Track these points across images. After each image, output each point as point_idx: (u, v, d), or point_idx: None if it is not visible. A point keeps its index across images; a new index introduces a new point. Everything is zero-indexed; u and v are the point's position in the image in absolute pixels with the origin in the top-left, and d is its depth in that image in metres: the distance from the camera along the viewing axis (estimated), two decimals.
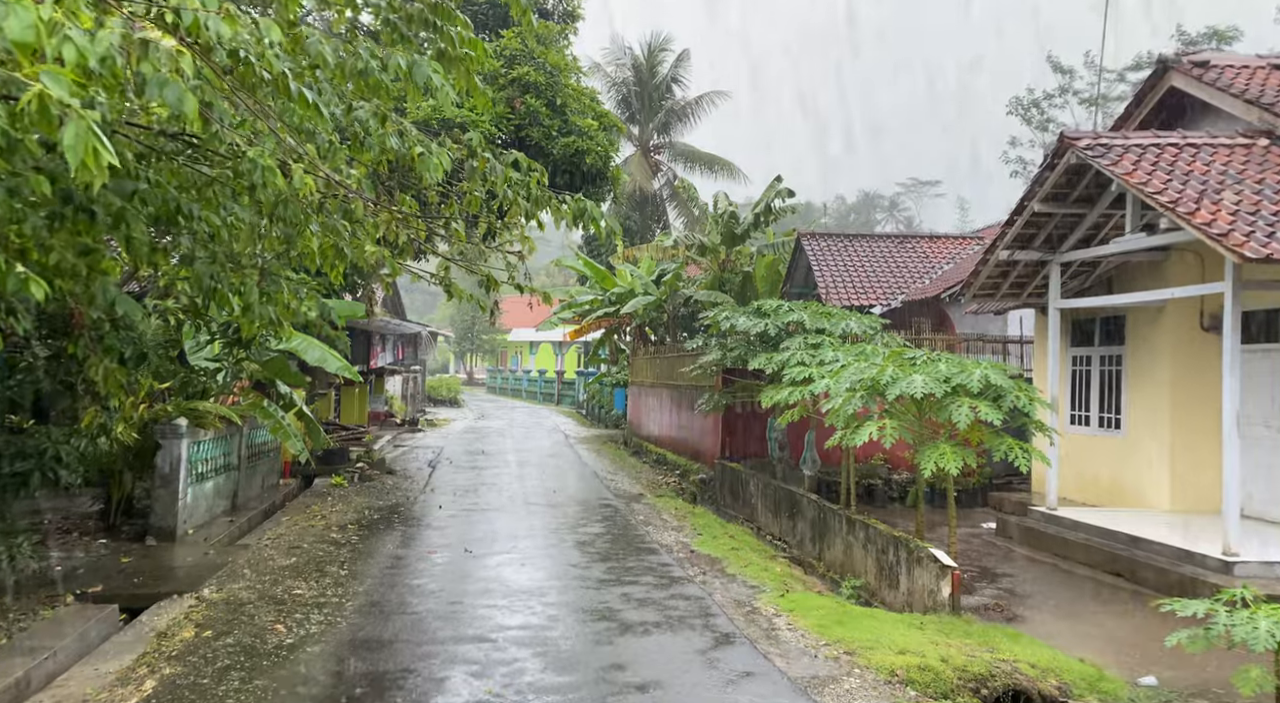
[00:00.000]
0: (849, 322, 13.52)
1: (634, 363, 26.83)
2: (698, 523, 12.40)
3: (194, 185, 4.29)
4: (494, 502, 13.72)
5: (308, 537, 10.72)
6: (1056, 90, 66.71)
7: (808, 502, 11.90)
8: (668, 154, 40.89)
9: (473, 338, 70.72)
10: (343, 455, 16.48)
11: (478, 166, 5.43)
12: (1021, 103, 67.14)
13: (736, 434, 16.48)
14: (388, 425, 27.14)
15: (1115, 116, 14.07)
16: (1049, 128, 69.27)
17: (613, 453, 22.43)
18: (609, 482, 16.58)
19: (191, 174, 4.22)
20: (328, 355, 12.45)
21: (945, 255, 22.70)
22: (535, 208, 5.84)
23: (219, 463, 12.17)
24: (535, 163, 5.94)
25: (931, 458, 8.97)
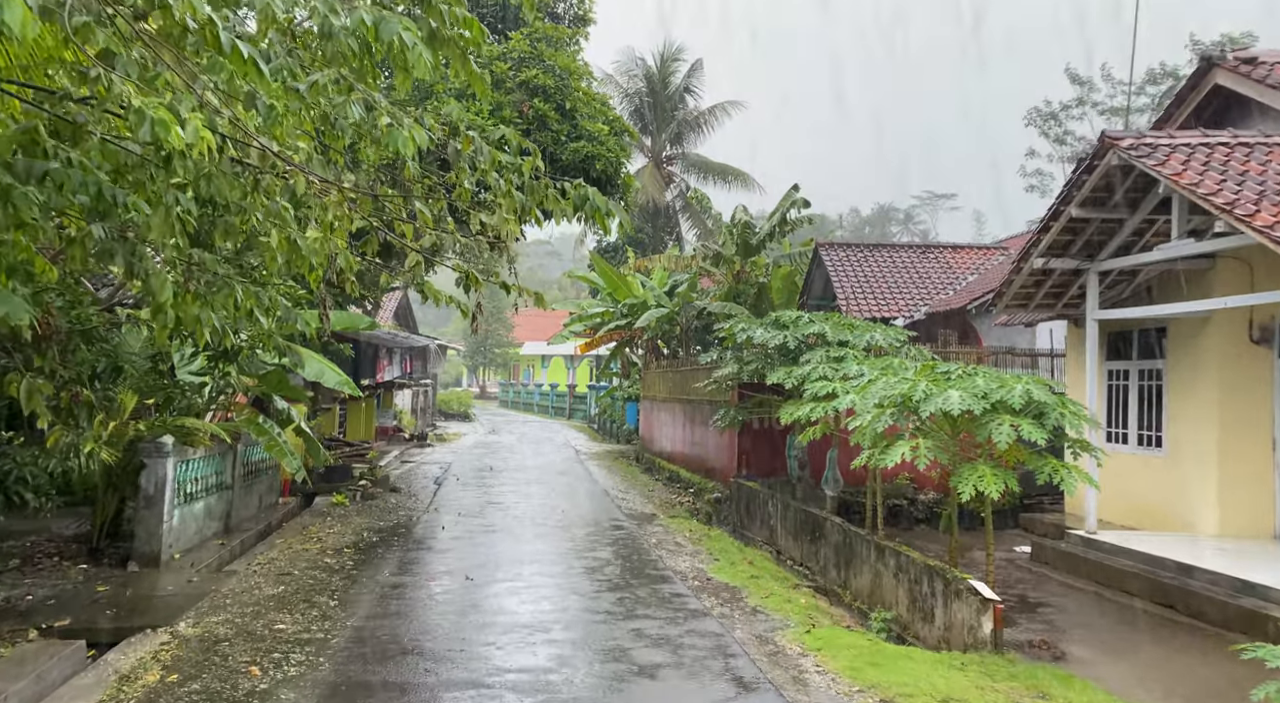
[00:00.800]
0: (873, 334, 12.85)
1: (646, 377, 26.18)
2: (714, 547, 11.71)
3: (123, 167, 3.70)
4: (500, 522, 13.07)
5: (300, 562, 10.09)
6: (1074, 101, 65.97)
7: (831, 526, 11.19)
8: (680, 165, 40.37)
9: (485, 352, 70.32)
10: (345, 473, 15.88)
11: (461, 147, 4.80)
12: (1040, 114, 66.41)
13: (753, 451, 15.78)
14: (396, 441, 26.55)
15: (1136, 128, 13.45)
16: (1066, 141, 68.49)
17: (624, 469, 21.76)
18: (620, 501, 15.91)
19: (120, 154, 3.63)
20: (325, 369, 11.87)
21: (969, 266, 21.99)
22: (531, 199, 5.21)
23: (210, 483, 11.59)
24: (528, 142, 5.33)
25: (970, 480, 8.28)
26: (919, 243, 22.97)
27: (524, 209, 5.33)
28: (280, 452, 11.70)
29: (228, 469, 12.25)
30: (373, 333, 21.41)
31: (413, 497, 15.81)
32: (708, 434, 17.89)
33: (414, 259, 5.28)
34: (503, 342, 69.59)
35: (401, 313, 42.61)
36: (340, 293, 15.81)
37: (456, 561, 10.34)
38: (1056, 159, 67.91)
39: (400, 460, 22.46)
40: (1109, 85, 64.30)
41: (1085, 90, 64.32)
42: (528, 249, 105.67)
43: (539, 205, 5.38)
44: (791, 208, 22.70)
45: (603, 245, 39.28)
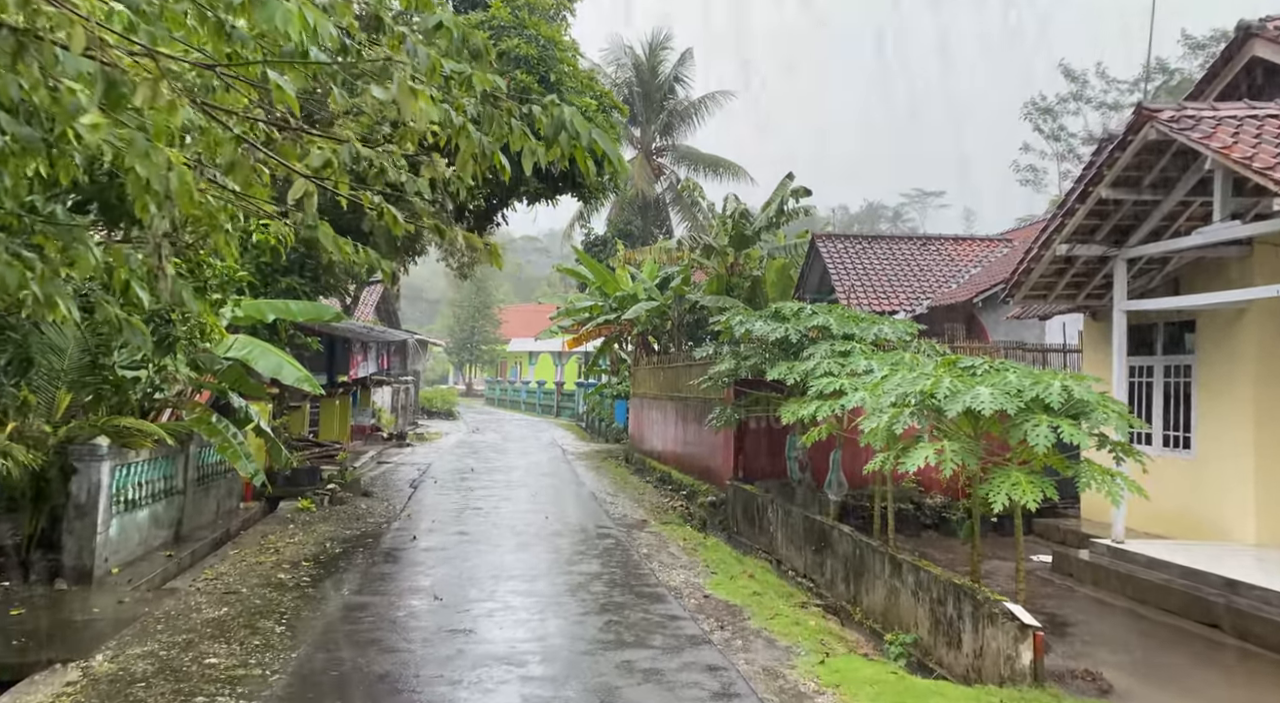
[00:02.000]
0: (882, 326, 11.91)
1: (636, 373, 25.19)
2: (710, 558, 10.74)
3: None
4: (478, 531, 12.06)
5: (251, 577, 9.06)
6: (1069, 96, 65.32)
7: (840, 535, 10.24)
8: (670, 157, 39.37)
9: (471, 348, 69.15)
10: (313, 476, 14.83)
11: (385, 44, 3.75)
12: (1036, 107, 65.70)
13: (751, 452, 14.82)
14: (373, 440, 25.47)
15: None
16: (1060, 136, 67.82)
17: (613, 471, 20.76)
18: (609, 505, 14.92)
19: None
20: (284, 364, 10.82)
21: (972, 258, 21.10)
22: (490, 136, 4.20)
23: (158, 488, 10.54)
24: (483, 35, 4.31)
25: (1003, 488, 7.34)
26: (919, 234, 22.06)
27: (483, 152, 4.31)
28: (234, 454, 10.66)
29: (178, 473, 11.20)
30: (345, 326, 20.34)
31: (385, 501, 14.77)
32: (702, 434, 16.92)
33: (300, 187, 4.18)
34: (490, 338, 68.44)
35: (384, 308, 41.49)
36: (308, 281, 14.76)
37: (426, 576, 9.33)
38: (1050, 155, 67.35)
39: (376, 462, 21.39)
40: (1103, 81, 63.70)
41: (1079, 86, 63.75)
42: (515, 246, 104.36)
43: (500, 142, 4.36)
44: (788, 197, 21.77)
45: (590, 239, 38.25)
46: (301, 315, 11.94)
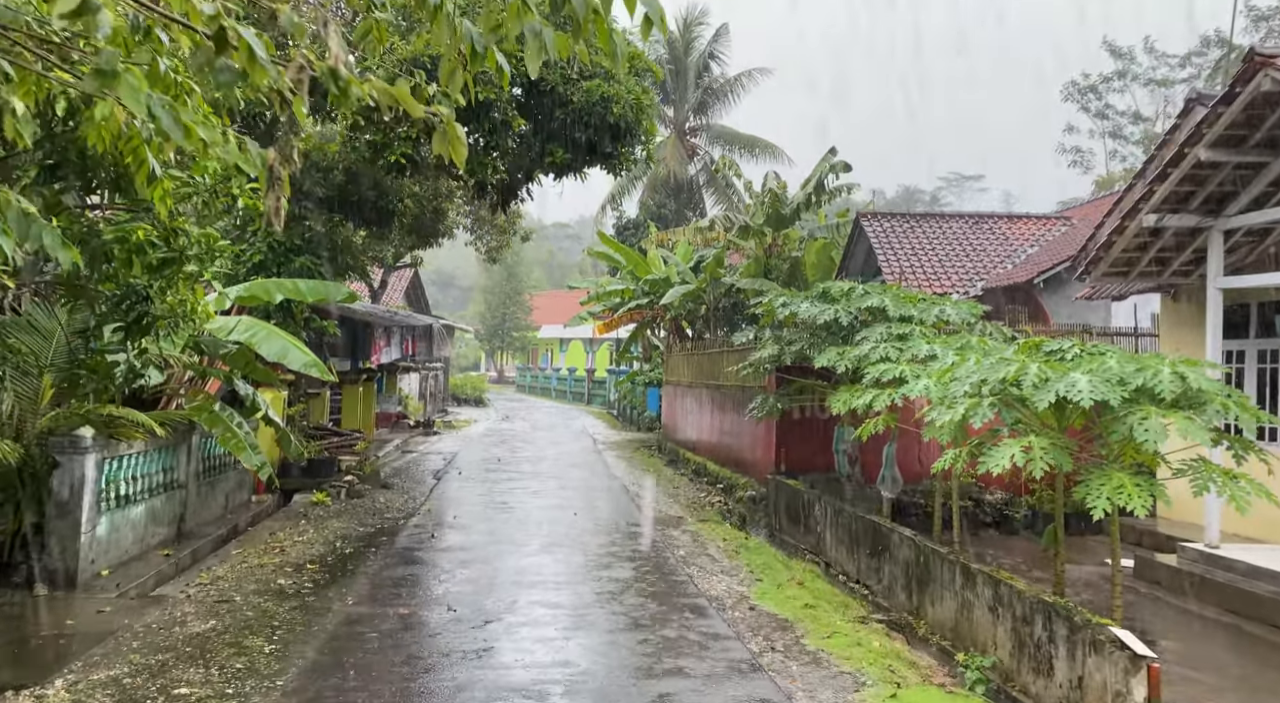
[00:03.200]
0: (944, 307, 10.80)
1: (669, 360, 24.20)
2: (754, 561, 9.75)
3: None
4: (501, 529, 11.17)
5: (250, 582, 8.23)
6: (1114, 74, 63.04)
7: (900, 539, 9.19)
8: (704, 137, 38.22)
9: (503, 335, 68.53)
10: (330, 467, 14.04)
11: None
12: (1078, 88, 63.50)
13: (794, 444, 13.79)
14: (399, 428, 24.76)
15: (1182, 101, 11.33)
16: (1108, 114, 65.52)
17: (645, 462, 19.82)
18: (641, 500, 13.97)
19: None
20: (290, 347, 9.97)
21: (1028, 237, 19.81)
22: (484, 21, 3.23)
23: (156, 481, 9.77)
24: None
25: (1103, 492, 6.27)
26: (971, 213, 20.81)
27: (474, 49, 3.33)
28: (238, 446, 9.84)
29: (180, 465, 10.42)
30: (366, 309, 19.55)
31: (405, 494, 13.94)
32: (740, 424, 15.92)
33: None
34: (521, 325, 67.78)
35: (413, 293, 40.82)
36: (324, 261, 13.93)
37: (441, 582, 8.44)
38: (1097, 134, 65.09)
39: (401, 451, 20.65)
40: (1151, 57, 61.38)
41: (1126, 62, 61.49)
42: (546, 233, 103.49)
43: (494, 32, 3.38)
44: (829, 173, 20.58)
45: (622, 223, 37.28)
46: (311, 295, 11.08)
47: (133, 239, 5.67)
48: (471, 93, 3.46)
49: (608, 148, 11.79)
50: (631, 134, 11.85)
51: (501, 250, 30.34)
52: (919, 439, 13.97)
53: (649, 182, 37.46)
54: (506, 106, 11.11)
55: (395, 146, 11.07)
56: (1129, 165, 61.11)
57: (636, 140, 12.07)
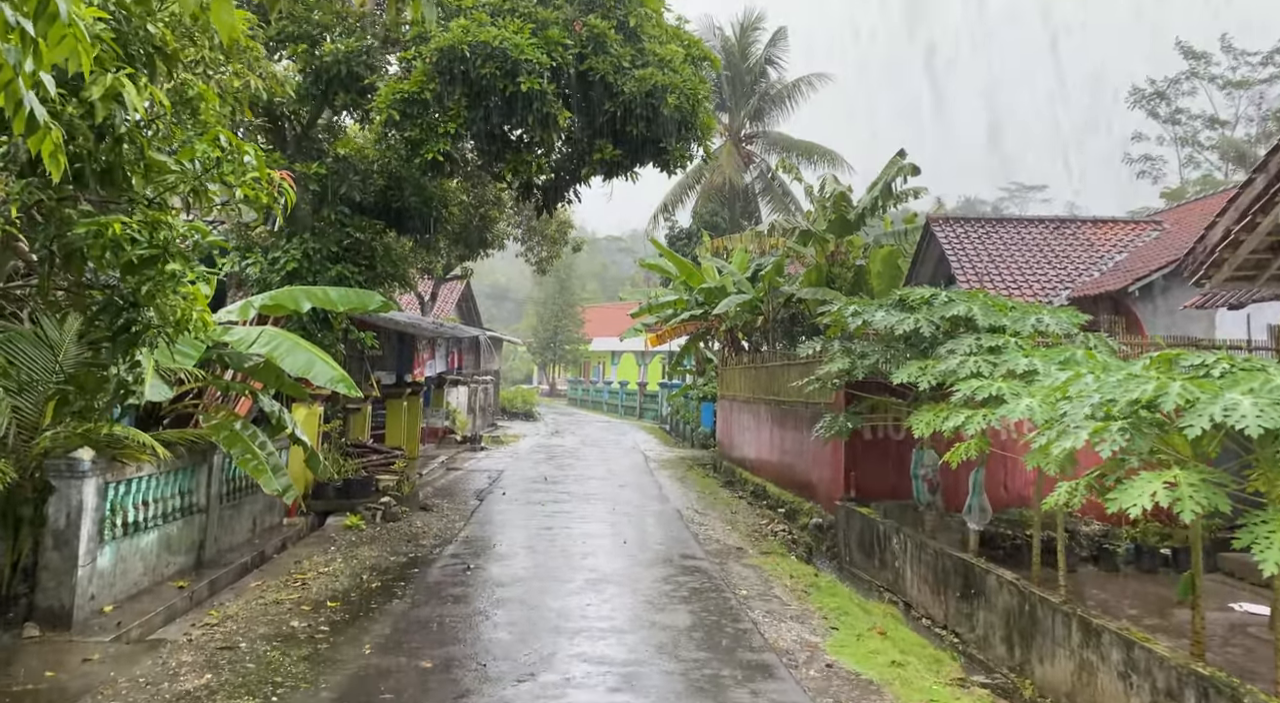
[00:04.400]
0: (1041, 316, 9.58)
1: (724, 374, 23.08)
2: (826, 604, 8.61)
3: None
4: (544, 560, 10.19)
5: (261, 623, 7.37)
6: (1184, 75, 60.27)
7: (998, 582, 7.98)
8: (760, 144, 37.10)
9: (554, 348, 68.01)
10: (366, 487, 13.23)
11: None
12: (1145, 94, 60.79)
13: (865, 467, 12.59)
14: (446, 444, 24.03)
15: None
16: (1180, 120, 62.71)
17: (700, 482, 18.71)
18: (697, 526, 12.89)
19: None
20: (316, 361, 9.15)
21: (1114, 243, 18.31)
22: None
23: (171, 506, 9.00)
24: None
25: (1275, 543, 5.06)
26: (1052, 216, 19.38)
27: None
28: (257, 468, 9.04)
29: (200, 487, 9.66)
30: (410, 320, 18.83)
31: (444, 517, 13.06)
32: (803, 443, 14.75)
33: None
34: (573, 338, 67.19)
35: (464, 306, 40.35)
36: (362, 269, 13.17)
37: (474, 626, 7.47)
38: (1168, 141, 62.32)
39: (445, 468, 19.86)
40: (1230, 56, 58.67)
41: (1201, 63, 58.86)
42: (599, 245, 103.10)
43: None
44: (897, 175, 19.34)
45: (675, 233, 36.31)
46: (342, 303, 10.27)
47: (108, 233, 4.82)
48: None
49: (661, 143, 10.81)
50: (687, 128, 10.85)
51: (551, 261, 29.61)
52: (1004, 463, 12.69)
53: (703, 190, 36.48)
54: (551, 99, 10.20)
55: (432, 143, 10.23)
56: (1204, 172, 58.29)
57: (692, 135, 11.07)
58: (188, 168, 5.22)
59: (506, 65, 9.80)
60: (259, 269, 12.46)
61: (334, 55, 11.30)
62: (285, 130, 12.91)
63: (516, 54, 9.73)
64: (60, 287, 5.81)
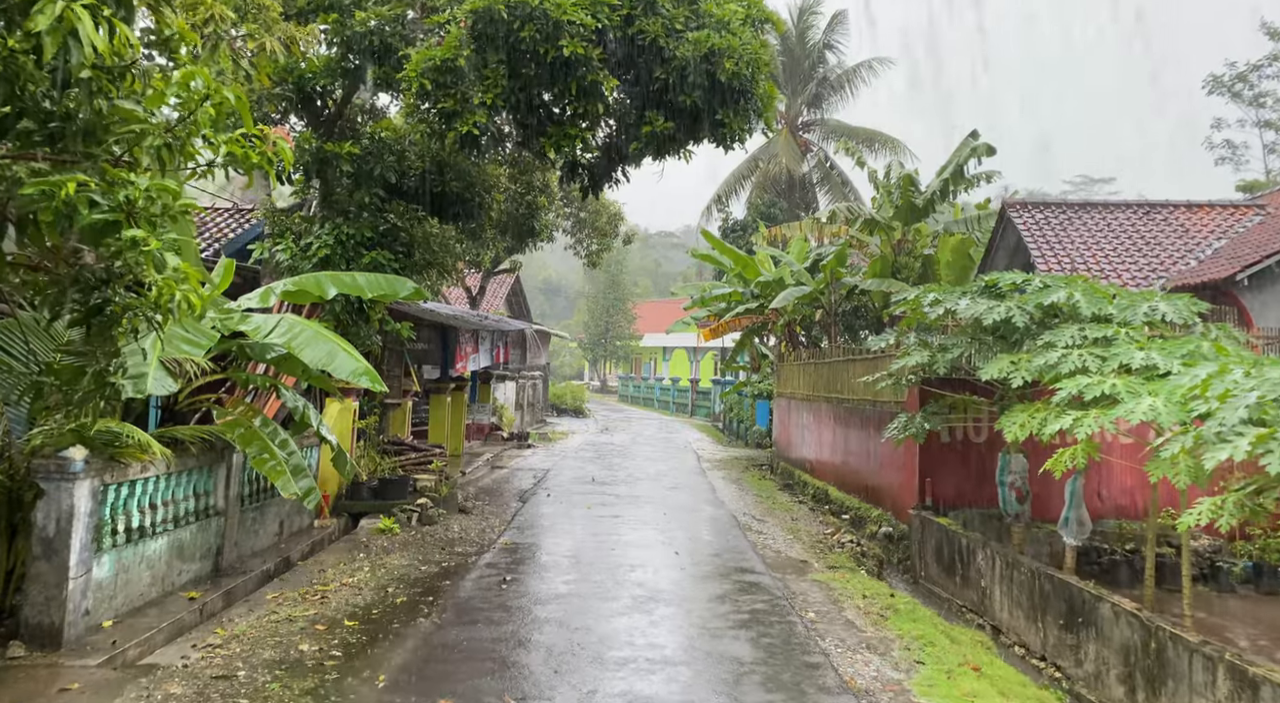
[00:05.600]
0: (1155, 303, 8.34)
1: (782, 370, 21.96)
2: (907, 631, 7.53)
3: None
4: (588, 574, 9.26)
5: (268, 645, 6.56)
6: (1267, 59, 57.28)
7: (1114, 612, 6.82)
8: (818, 132, 35.77)
9: (605, 344, 67.29)
10: (402, 487, 12.47)
11: None
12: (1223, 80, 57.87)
13: (941, 473, 11.44)
14: (492, 441, 23.32)
15: None
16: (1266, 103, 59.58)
17: (757, 485, 17.65)
18: (755, 535, 11.86)
19: None
20: (339, 352, 8.34)
21: (1211, 229, 16.79)
22: None
23: (184, 508, 8.28)
24: None
25: None
26: (1140, 201, 17.89)
27: None
28: (274, 469, 8.27)
29: (218, 488, 8.94)
30: (451, 312, 18.08)
31: (484, 521, 12.23)
32: (869, 445, 13.62)
33: None
34: (624, 334, 66.37)
35: (513, 300, 39.71)
36: (399, 257, 12.39)
37: (505, 656, 6.57)
38: (1250, 124, 59.24)
39: (490, 466, 19.10)
40: None
41: None
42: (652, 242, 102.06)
43: None
44: (970, 157, 18.03)
45: (729, 225, 35.16)
46: (370, 290, 9.46)
47: (61, 194, 4.00)
48: None
49: (718, 115, 9.79)
50: (746, 97, 9.81)
51: (602, 254, 28.71)
52: (1098, 470, 11.42)
53: (758, 180, 35.30)
54: (596, 66, 9.26)
55: (467, 115, 9.36)
56: None
57: (752, 106, 10.02)
58: (158, 118, 4.40)
59: (547, 28, 8.89)
60: (289, 255, 11.75)
61: (365, 25, 10.53)
62: (318, 109, 12.18)
63: (558, 15, 8.81)
64: (25, 262, 5.01)
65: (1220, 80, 57.72)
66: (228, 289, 9.98)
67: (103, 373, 5.44)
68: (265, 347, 9.12)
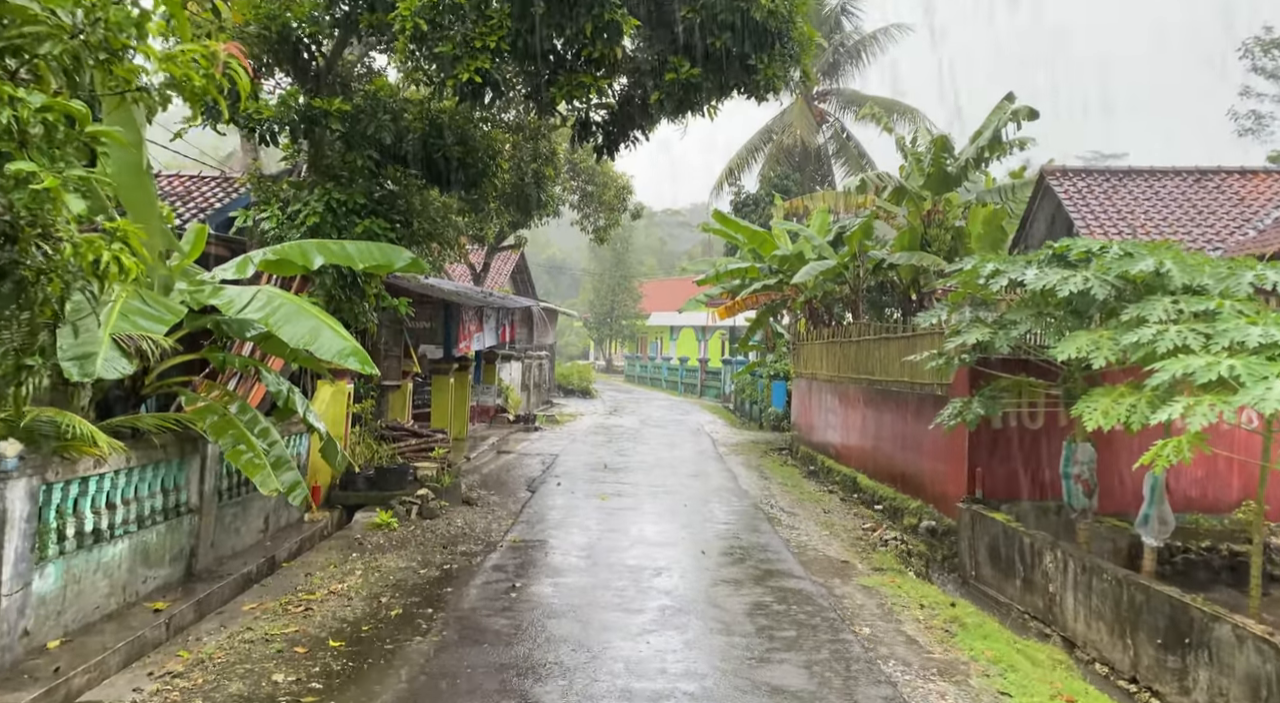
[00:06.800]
0: (1263, 271, 7.25)
1: (801, 350, 20.89)
2: (979, 649, 6.52)
3: None
4: (606, 577, 8.26)
5: (235, 675, 5.57)
6: None
7: (1236, 636, 5.78)
8: (835, 102, 34.47)
9: (611, 323, 66.19)
10: (401, 476, 11.48)
11: None
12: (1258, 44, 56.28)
13: (993, 462, 10.41)
14: (498, 423, 22.33)
15: None
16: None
17: (778, 471, 16.64)
18: (787, 530, 10.85)
19: None
20: (323, 330, 7.29)
21: (1266, 196, 15.64)
22: None
23: (149, 507, 7.30)
24: None
25: None
26: (1191, 167, 16.72)
27: None
28: (251, 463, 7.27)
29: (190, 483, 7.94)
30: (454, 288, 17.02)
31: (490, 514, 11.24)
32: (905, 430, 12.58)
33: None
34: (630, 313, 65.24)
35: (519, 278, 38.61)
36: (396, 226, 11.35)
37: (513, 688, 5.56)
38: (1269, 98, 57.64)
39: (496, 451, 18.11)
40: None
41: None
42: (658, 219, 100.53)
43: None
44: (1009, 122, 16.85)
45: (741, 199, 33.95)
46: (361, 260, 8.42)
47: None
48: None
49: (750, 59, 8.66)
50: (781, 40, 8.69)
51: (610, 230, 27.61)
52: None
53: (771, 153, 34.06)
54: (615, 3, 8.14)
55: (468, 61, 8.25)
56: None
57: (788, 51, 8.89)
58: (63, 21, 3.34)
59: None
60: (275, 223, 10.70)
61: None
62: (305, 63, 11.07)
63: None
64: None
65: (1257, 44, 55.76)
66: (210, 264, 8.96)
67: (19, 352, 4.39)
68: (243, 323, 8.10)
